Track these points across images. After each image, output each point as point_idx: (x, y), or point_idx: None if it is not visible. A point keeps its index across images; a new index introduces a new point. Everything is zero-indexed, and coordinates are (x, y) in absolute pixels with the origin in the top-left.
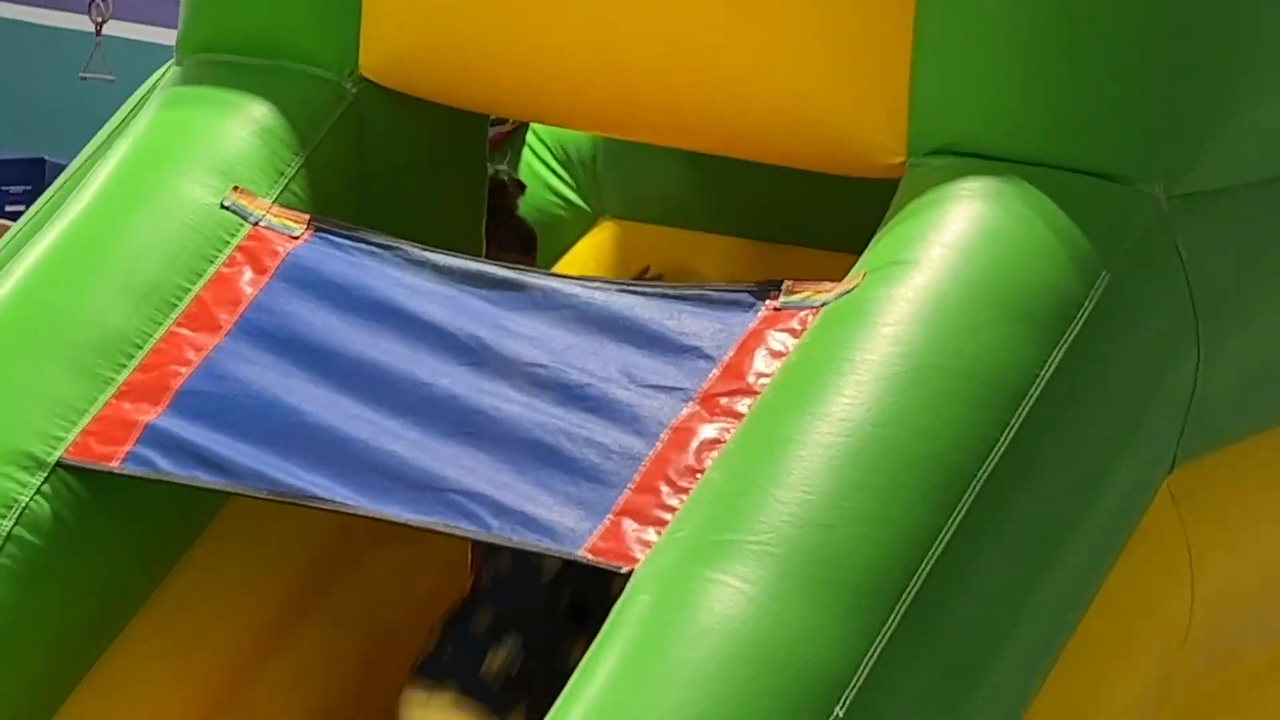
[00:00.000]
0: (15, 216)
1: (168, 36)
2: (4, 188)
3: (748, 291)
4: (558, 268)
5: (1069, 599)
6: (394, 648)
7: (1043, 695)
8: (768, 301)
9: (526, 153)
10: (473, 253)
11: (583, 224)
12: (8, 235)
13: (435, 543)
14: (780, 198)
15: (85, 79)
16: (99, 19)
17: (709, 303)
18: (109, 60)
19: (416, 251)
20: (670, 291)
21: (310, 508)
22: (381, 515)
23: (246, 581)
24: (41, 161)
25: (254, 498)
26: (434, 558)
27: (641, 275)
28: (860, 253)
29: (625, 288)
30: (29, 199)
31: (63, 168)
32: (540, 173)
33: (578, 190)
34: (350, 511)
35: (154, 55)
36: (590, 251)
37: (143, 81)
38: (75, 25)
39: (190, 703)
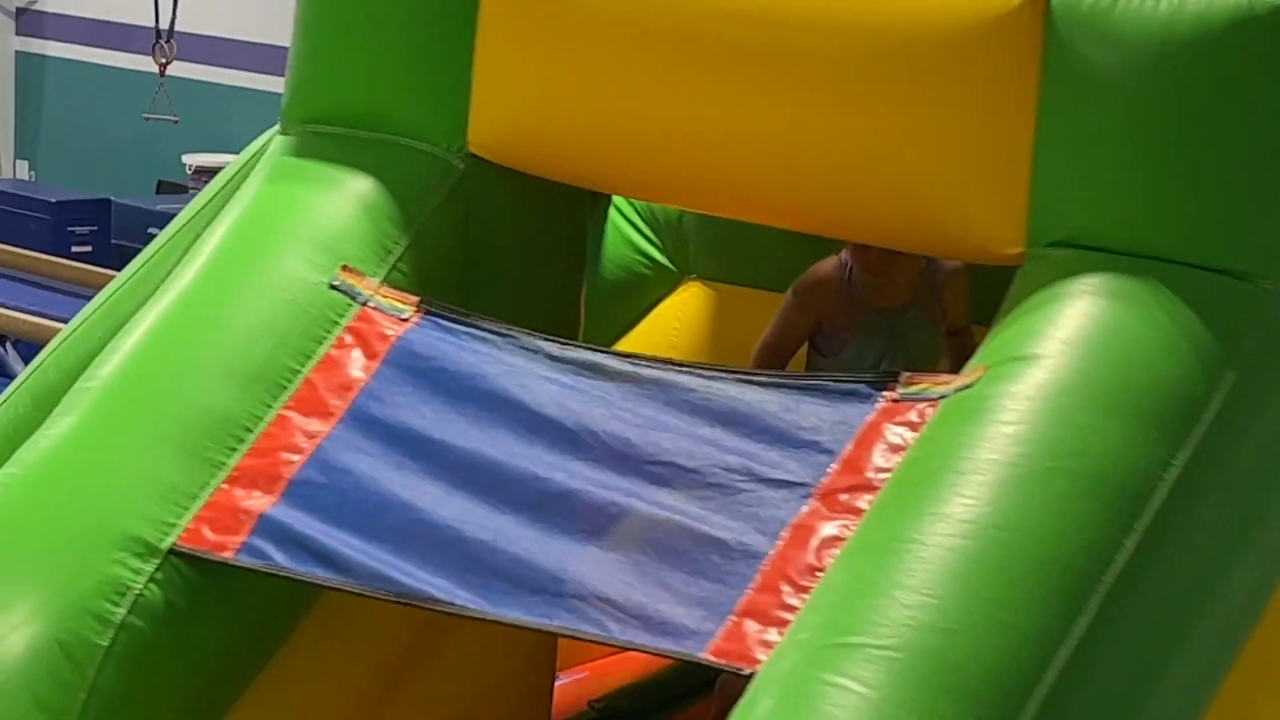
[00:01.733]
0: (81, 257)
1: (230, 77)
2: (70, 228)
3: (865, 382)
4: (641, 327)
5: (1191, 701)
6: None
7: None
8: (885, 393)
9: (613, 212)
10: (572, 324)
11: (668, 284)
12: (104, 293)
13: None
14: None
15: (149, 120)
16: (163, 60)
17: (826, 393)
18: (173, 101)
19: (530, 340)
20: (787, 382)
21: (430, 610)
22: (502, 620)
23: (345, 661)
24: (107, 202)
25: (374, 599)
26: (518, 641)
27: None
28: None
29: (742, 378)
30: (95, 239)
31: (128, 209)
32: (626, 232)
33: (664, 250)
34: (472, 616)
35: (217, 96)
36: (675, 311)
37: (205, 122)
38: (139, 66)
39: None
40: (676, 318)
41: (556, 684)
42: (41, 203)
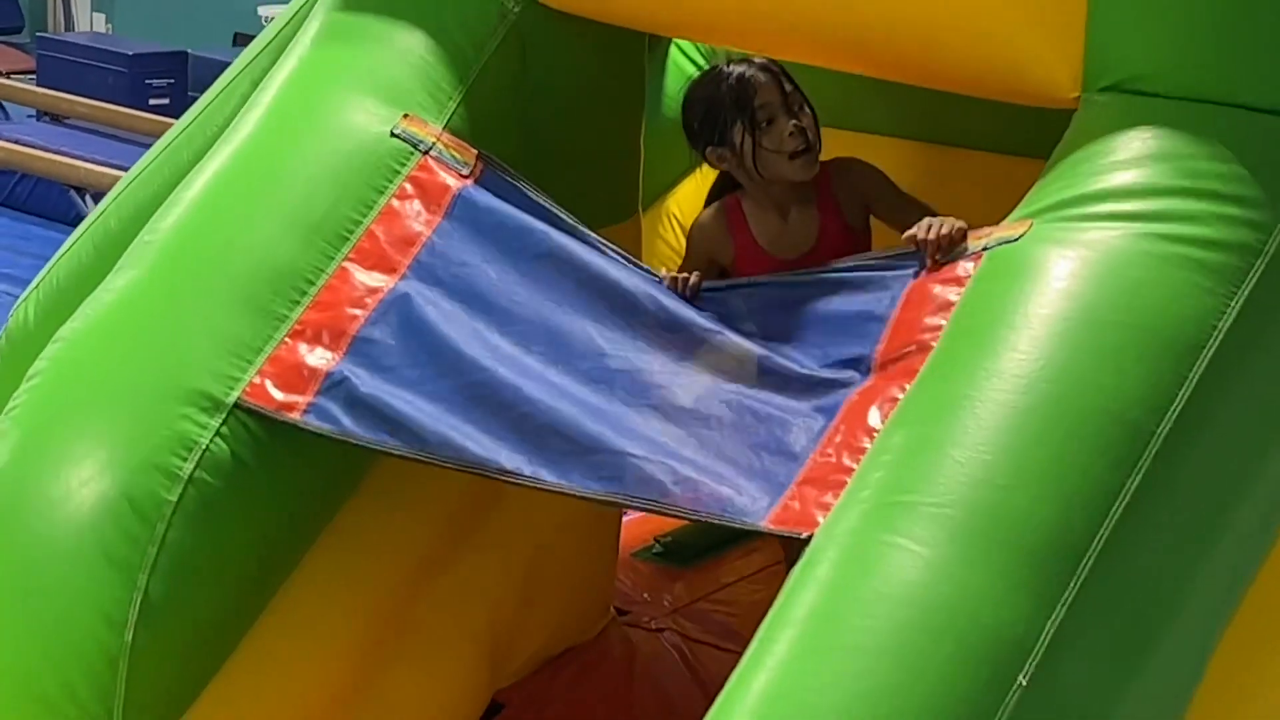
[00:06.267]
0: (159, 110)
1: None
2: (148, 81)
3: (902, 254)
4: (704, 168)
5: (1248, 551)
6: (551, 563)
7: (1220, 648)
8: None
9: (673, 50)
10: (632, 168)
11: None
12: (161, 142)
13: None
14: (946, 100)
15: None
16: None
17: (869, 268)
18: None
19: (587, 234)
20: (827, 272)
21: (497, 480)
22: (566, 490)
23: (411, 511)
24: (184, 55)
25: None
26: None
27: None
28: (1024, 155)
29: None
30: (172, 91)
31: (205, 61)
32: (688, 70)
33: None
34: (536, 487)
35: None
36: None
37: None
38: None
39: (360, 631)
40: None
41: (624, 520)
42: (119, 55)
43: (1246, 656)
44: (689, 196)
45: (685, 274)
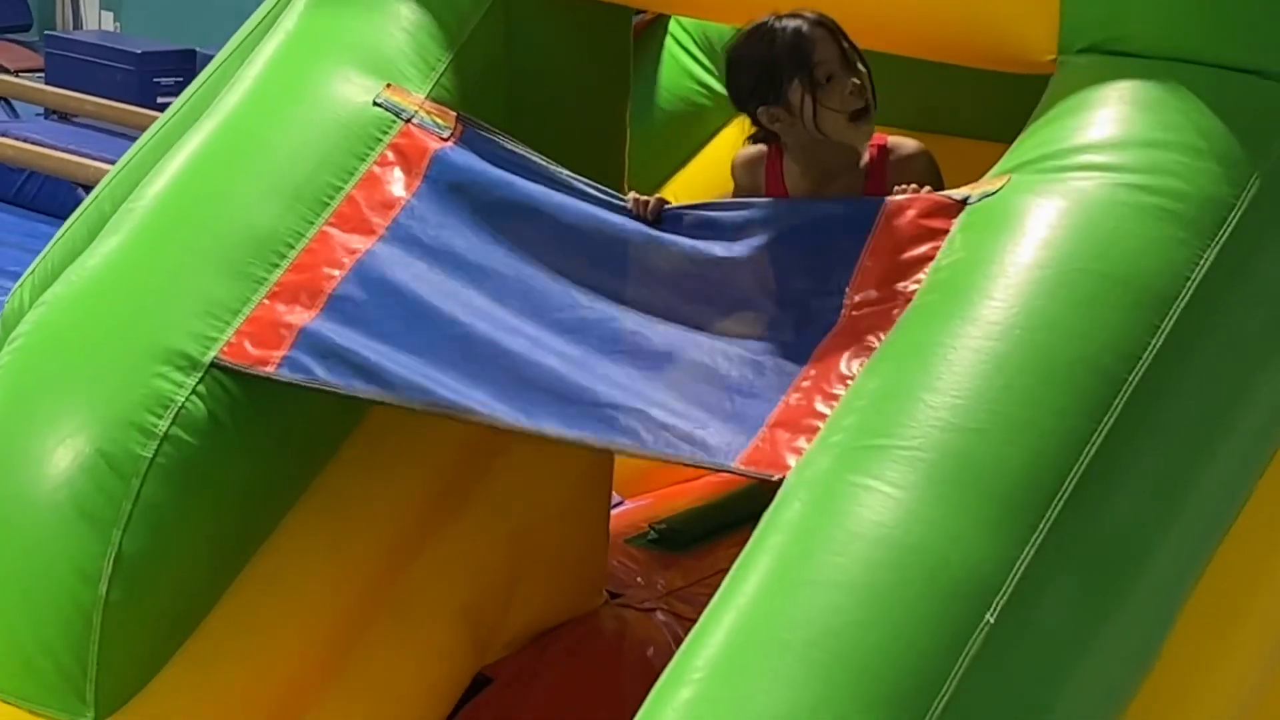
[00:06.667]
0: (167, 108)
1: None
2: (156, 79)
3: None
4: (702, 156)
5: (1219, 506)
6: (539, 542)
7: (1190, 604)
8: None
9: (669, 41)
10: (618, 144)
11: (726, 112)
12: (155, 126)
13: None
14: (932, 88)
15: None
16: None
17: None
18: None
19: (563, 175)
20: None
21: (467, 421)
22: (538, 433)
23: (396, 479)
24: (193, 53)
25: (411, 409)
26: (578, 454)
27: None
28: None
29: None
30: (181, 90)
31: (213, 59)
32: (683, 61)
33: (721, 79)
34: (507, 428)
35: None
36: (736, 139)
37: None
38: None
39: (342, 597)
40: (736, 146)
41: (619, 509)
42: (127, 54)
43: (1241, 581)
44: (687, 187)
45: (648, 197)
